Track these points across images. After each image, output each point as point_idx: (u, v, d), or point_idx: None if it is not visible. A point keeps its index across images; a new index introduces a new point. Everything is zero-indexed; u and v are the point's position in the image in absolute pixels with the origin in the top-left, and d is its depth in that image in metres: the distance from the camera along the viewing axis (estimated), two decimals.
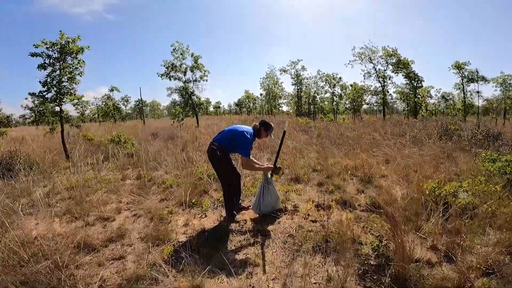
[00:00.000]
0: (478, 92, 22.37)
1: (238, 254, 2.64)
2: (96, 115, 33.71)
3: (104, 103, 32.51)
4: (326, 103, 31.94)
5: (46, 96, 7.10)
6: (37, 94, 7.03)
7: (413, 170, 5.21)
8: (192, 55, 18.42)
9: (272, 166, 3.37)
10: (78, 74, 7.42)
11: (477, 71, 22.24)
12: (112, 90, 32.75)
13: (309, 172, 5.34)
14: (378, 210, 3.62)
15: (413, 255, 2.33)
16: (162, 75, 18.80)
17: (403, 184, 4.59)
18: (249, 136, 3.13)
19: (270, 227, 3.07)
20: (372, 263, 2.42)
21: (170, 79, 18.78)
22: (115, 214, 3.71)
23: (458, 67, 22.75)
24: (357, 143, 8.11)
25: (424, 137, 8.61)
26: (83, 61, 7.43)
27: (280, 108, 33.44)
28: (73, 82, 7.31)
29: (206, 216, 3.46)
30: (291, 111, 33.80)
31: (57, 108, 7.48)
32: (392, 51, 23.98)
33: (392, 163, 5.85)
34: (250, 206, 3.59)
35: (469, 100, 22.94)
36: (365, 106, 32.21)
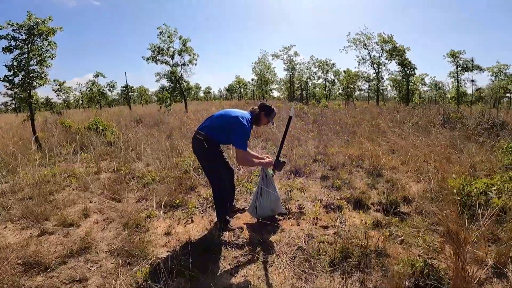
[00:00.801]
0: (472, 81, 22.22)
1: (235, 276, 2.04)
2: (80, 101, 32.86)
3: (88, 89, 31.51)
4: (318, 89, 31.66)
5: (14, 81, 6.42)
6: (1, 79, 6.23)
7: (423, 161, 4.72)
8: (180, 38, 17.68)
9: (274, 160, 2.75)
10: (49, 56, 6.77)
11: (472, 60, 22.02)
12: (97, 75, 32.45)
13: (309, 163, 4.77)
14: (397, 210, 3.11)
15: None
16: (148, 58, 18.22)
17: (416, 178, 4.09)
18: (245, 122, 2.46)
19: (273, 237, 2.48)
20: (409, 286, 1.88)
21: (156, 63, 18.24)
22: (82, 218, 3.05)
23: (453, 55, 22.55)
24: (357, 130, 7.58)
25: (427, 124, 8.16)
26: (55, 43, 6.78)
27: (271, 94, 32.81)
28: (43, 66, 6.62)
29: (192, 221, 2.84)
30: (282, 96, 33.24)
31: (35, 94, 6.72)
32: (388, 38, 23.47)
33: (399, 153, 5.35)
34: (246, 208, 2.99)
35: (463, 89, 22.82)
36: (357, 93, 31.92)
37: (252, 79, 34.17)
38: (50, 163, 5.19)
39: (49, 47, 6.67)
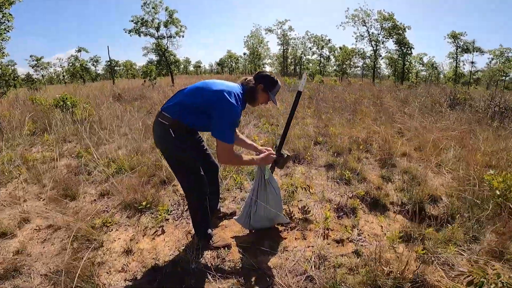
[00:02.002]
0: (472, 62, 21.83)
1: None
2: (62, 77, 33.25)
3: (71, 64, 30.42)
4: (311, 64, 30.82)
5: None
6: None
7: (439, 148, 4.09)
8: (166, 9, 16.46)
9: (273, 155, 1.92)
10: (5, 29, 5.90)
11: (473, 42, 21.53)
12: (79, 50, 31.95)
13: (310, 145, 4.09)
14: (424, 213, 2.50)
15: None
16: (130, 31, 17.16)
17: (436, 168, 3.48)
18: (233, 101, 1.63)
19: (272, 260, 1.81)
20: None
21: (140, 35, 17.32)
22: (19, 225, 2.31)
23: (454, 36, 22.12)
24: (358, 108, 6.88)
25: (433, 105, 7.53)
26: (11, 15, 6.15)
27: (263, 68, 31.70)
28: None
29: (163, 231, 2.14)
30: (274, 71, 32.23)
31: None
32: (389, 16, 22.47)
33: (410, 137, 4.71)
34: (235, 212, 2.31)
35: (461, 70, 22.48)
36: (350, 70, 31.23)
37: (244, 53, 32.76)
38: (7, 147, 4.35)
39: (4, 19, 5.92)
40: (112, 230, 2.18)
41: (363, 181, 3.09)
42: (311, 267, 1.73)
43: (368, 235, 2.17)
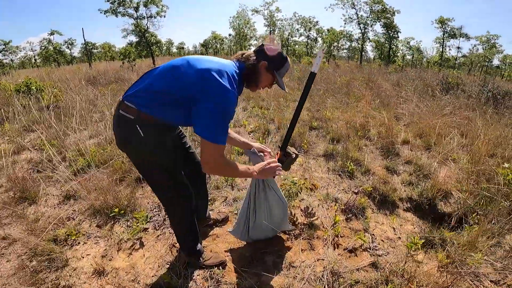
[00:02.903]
0: (458, 47, 22.11)
1: None
2: (33, 61, 32.23)
3: (43, 47, 30.02)
4: (297, 46, 30.28)
5: None
6: None
7: (440, 136, 3.87)
8: None
9: (274, 164, 1.42)
10: None
11: (461, 27, 21.75)
12: (52, 33, 30.51)
13: (305, 131, 3.78)
14: (436, 210, 2.27)
15: None
16: (106, 11, 15.91)
17: (441, 158, 3.25)
18: (226, 83, 1.15)
19: (276, 280, 1.49)
20: None
21: (117, 16, 16.13)
22: None
23: (442, 22, 22.15)
24: (350, 90, 6.59)
25: (426, 89, 7.34)
26: None
27: (249, 49, 30.94)
28: None
29: (142, 244, 1.76)
30: None
31: None
32: None
33: (407, 122, 4.48)
34: (227, 218, 1.96)
35: (448, 55, 22.77)
36: (336, 52, 31.01)
37: (230, 34, 31.54)
38: None
39: None
40: (79, 243, 1.79)
41: (367, 173, 2.81)
42: (324, 287, 1.43)
43: (382, 240, 1.90)
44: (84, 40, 19.61)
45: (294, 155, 1.54)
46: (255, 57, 1.31)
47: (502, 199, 2.22)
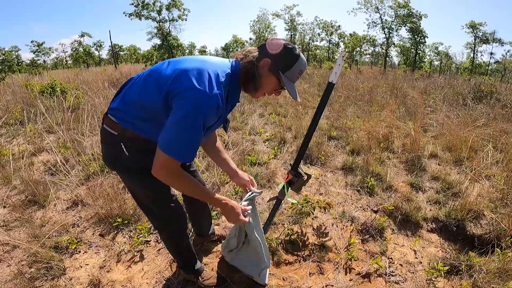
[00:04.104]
0: (491, 53, 20.85)
1: None
2: (65, 62, 33.82)
3: (74, 49, 31.87)
4: (318, 51, 29.92)
5: None
6: None
7: (472, 150, 3.54)
8: None
9: (245, 212, 1.22)
10: None
11: (494, 32, 20.53)
12: (82, 35, 31.86)
13: (323, 141, 3.58)
14: (465, 233, 2.03)
15: None
16: (130, 14, 16.62)
17: (473, 174, 2.95)
18: (202, 86, 0.91)
19: None
20: None
21: (140, 19, 16.81)
22: None
23: (473, 26, 20.98)
24: (373, 98, 6.29)
25: (456, 97, 6.88)
26: None
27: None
28: None
29: (142, 257, 1.69)
30: None
31: None
32: (404, 3, 21.32)
33: (437, 135, 4.16)
34: (222, 236, 1.81)
35: (479, 61, 21.51)
36: (358, 58, 30.24)
37: (250, 38, 31.71)
38: None
39: None
40: (79, 252, 1.74)
41: (388, 189, 2.59)
42: None
43: (400, 264, 1.70)
44: (111, 42, 20.51)
45: (306, 177, 1.37)
46: (256, 53, 1.04)
47: None
